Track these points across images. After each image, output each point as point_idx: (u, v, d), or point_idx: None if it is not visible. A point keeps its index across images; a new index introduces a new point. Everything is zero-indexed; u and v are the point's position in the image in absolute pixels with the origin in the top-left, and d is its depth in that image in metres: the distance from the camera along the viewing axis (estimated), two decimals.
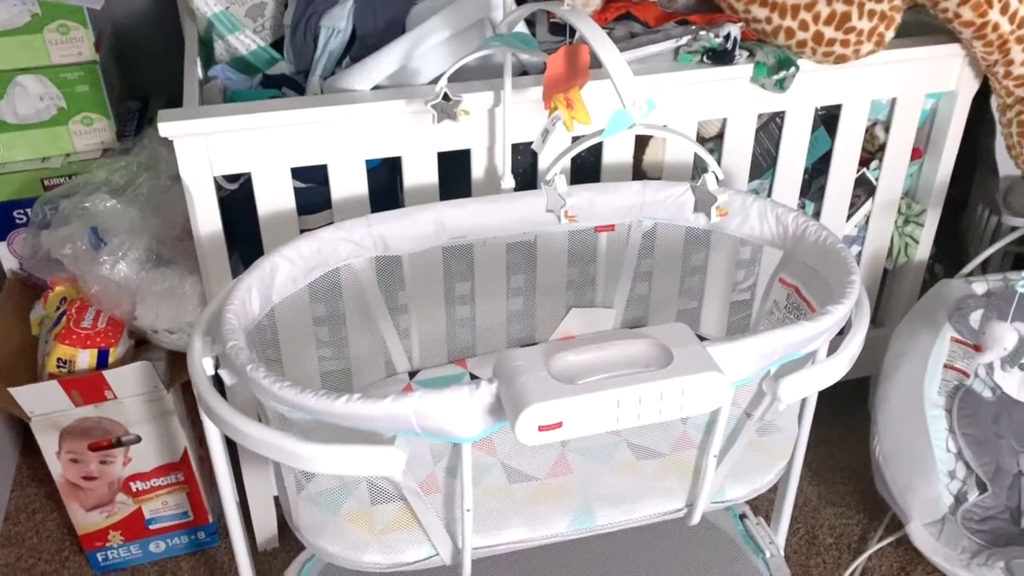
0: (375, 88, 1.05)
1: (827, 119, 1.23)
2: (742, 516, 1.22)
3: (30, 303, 1.28)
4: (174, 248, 1.19)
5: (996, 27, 1.10)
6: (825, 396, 0.97)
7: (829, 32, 1.05)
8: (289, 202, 1.04)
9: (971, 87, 1.22)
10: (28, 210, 1.30)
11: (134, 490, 1.22)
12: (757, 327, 1.08)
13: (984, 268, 1.45)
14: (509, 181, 1.07)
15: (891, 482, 1.15)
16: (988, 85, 1.21)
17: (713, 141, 1.19)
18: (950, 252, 1.53)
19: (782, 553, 1.16)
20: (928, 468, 1.14)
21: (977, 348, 1.17)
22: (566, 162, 0.87)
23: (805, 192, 1.26)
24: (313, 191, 1.08)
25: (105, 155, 1.35)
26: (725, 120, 1.15)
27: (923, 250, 1.35)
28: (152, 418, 1.16)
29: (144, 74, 1.53)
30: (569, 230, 1.08)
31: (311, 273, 0.95)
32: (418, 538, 0.86)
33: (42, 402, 1.11)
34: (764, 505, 1.32)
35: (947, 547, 1.09)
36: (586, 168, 1.14)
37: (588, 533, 0.91)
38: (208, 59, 1.22)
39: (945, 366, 1.19)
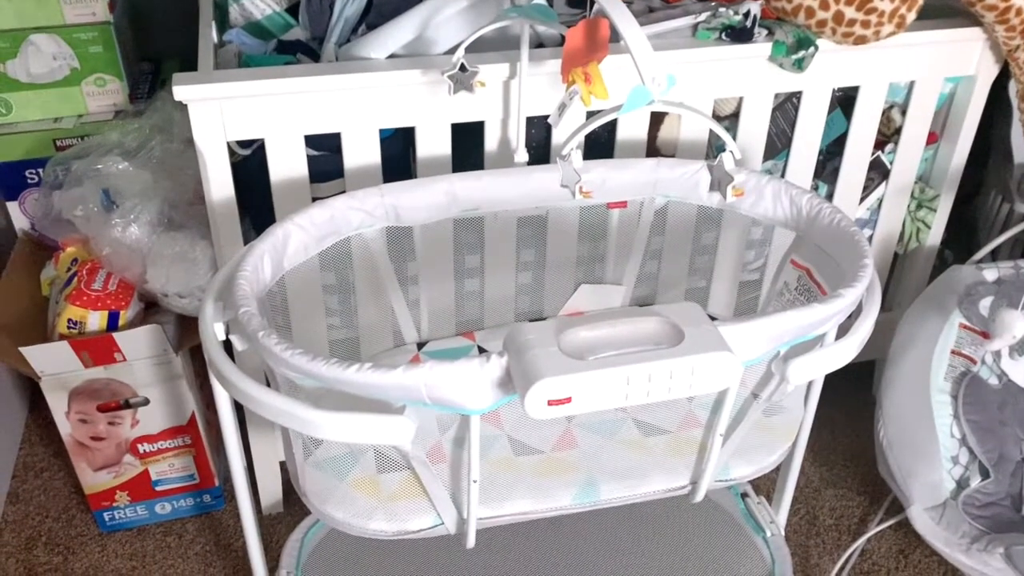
0: (390, 57, 1.04)
1: (843, 101, 1.22)
2: (744, 495, 1.22)
3: (41, 263, 1.29)
4: (186, 212, 1.19)
5: (1019, 11, 1.09)
6: (828, 379, 0.97)
7: (850, 12, 1.04)
8: (302, 169, 1.04)
9: (991, 72, 1.21)
10: (40, 170, 1.30)
11: (141, 452, 1.23)
12: (767, 308, 1.08)
13: (994, 256, 1.44)
14: (523, 154, 1.07)
15: (894, 465, 1.16)
16: (1005, 71, 1.20)
17: (728, 120, 1.19)
18: (960, 238, 1.52)
19: (782, 532, 1.17)
20: (931, 453, 1.14)
21: (985, 335, 1.17)
22: (581, 137, 0.87)
23: (819, 174, 1.26)
24: (326, 159, 1.07)
25: (118, 117, 1.35)
26: (741, 99, 1.14)
27: (935, 235, 1.35)
28: (161, 381, 1.17)
29: (156, 36, 1.52)
30: (581, 206, 1.08)
31: (323, 241, 0.95)
32: (423, 507, 0.87)
33: (52, 362, 1.12)
34: (765, 485, 1.33)
35: (947, 531, 1.10)
36: (599, 143, 1.13)
37: (592, 507, 0.91)
38: (222, 23, 1.21)
39: (952, 352, 1.19)
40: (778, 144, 1.21)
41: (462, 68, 0.98)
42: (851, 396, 1.44)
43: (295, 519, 1.28)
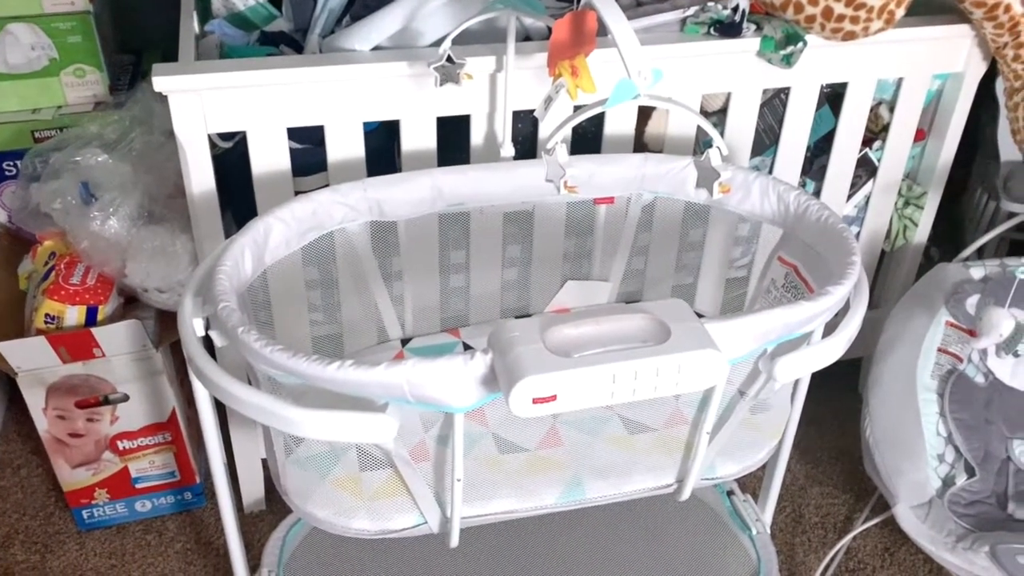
0: (375, 49, 1.03)
1: (831, 97, 1.22)
2: (729, 493, 1.22)
3: (18, 257, 1.27)
4: (166, 206, 1.18)
5: (1008, 8, 1.09)
6: (815, 376, 0.97)
7: (839, 8, 1.03)
8: (284, 163, 1.03)
9: (979, 69, 1.20)
10: (18, 162, 1.28)
11: (121, 448, 1.21)
12: (754, 305, 1.07)
13: (981, 253, 1.44)
14: (509, 149, 1.06)
15: (880, 463, 1.16)
16: (992, 68, 1.20)
17: (716, 116, 1.18)
18: (947, 236, 1.52)
19: (768, 531, 1.17)
20: (917, 451, 1.14)
21: (972, 333, 1.17)
22: (567, 131, 0.86)
23: (806, 171, 1.25)
24: (309, 152, 1.06)
25: (97, 108, 1.33)
26: (729, 95, 1.13)
27: (922, 233, 1.35)
28: (140, 377, 1.15)
29: (137, 27, 1.50)
30: (568, 201, 1.07)
31: (305, 236, 0.94)
32: (406, 506, 0.86)
33: (29, 358, 1.10)
34: (751, 483, 1.32)
35: (933, 530, 1.10)
36: (587, 138, 1.12)
37: (577, 506, 0.90)
38: (204, 14, 1.19)
39: (939, 350, 1.19)
40: (766, 140, 1.21)
41: (449, 60, 0.96)
42: (838, 394, 1.43)
43: (278, 517, 1.26)
